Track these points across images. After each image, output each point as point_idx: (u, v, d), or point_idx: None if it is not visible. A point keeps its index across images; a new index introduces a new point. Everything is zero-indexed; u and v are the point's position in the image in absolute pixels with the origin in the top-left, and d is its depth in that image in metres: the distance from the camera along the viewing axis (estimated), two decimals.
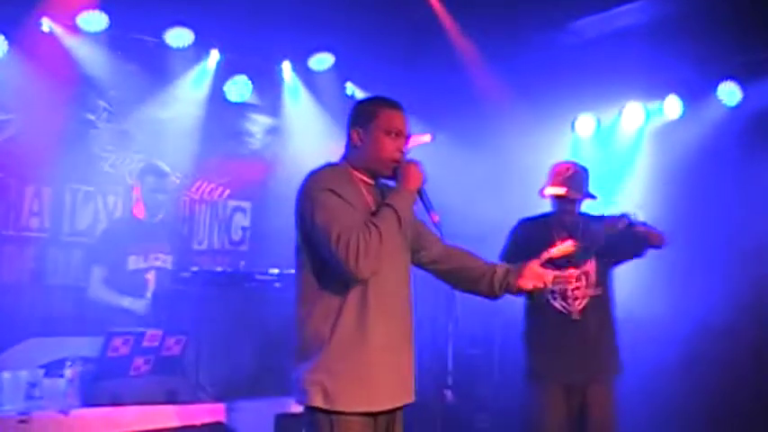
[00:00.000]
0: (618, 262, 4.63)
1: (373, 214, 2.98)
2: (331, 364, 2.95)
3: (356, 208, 2.98)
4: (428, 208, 3.14)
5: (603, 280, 4.58)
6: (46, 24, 5.96)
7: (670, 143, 6.25)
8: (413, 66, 6.83)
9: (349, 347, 2.95)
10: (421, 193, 3.10)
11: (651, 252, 4.49)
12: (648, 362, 5.40)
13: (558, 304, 4.52)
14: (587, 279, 4.53)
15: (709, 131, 6.01)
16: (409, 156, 3.14)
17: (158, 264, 5.31)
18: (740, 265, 5.66)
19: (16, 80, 5.85)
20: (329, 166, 3.13)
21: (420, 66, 6.81)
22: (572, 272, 4.29)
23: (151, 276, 5.22)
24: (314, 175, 3.04)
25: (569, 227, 4.57)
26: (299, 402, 3.04)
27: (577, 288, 4.51)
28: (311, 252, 3.01)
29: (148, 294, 5.12)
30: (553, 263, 3.69)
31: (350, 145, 3.16)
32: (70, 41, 6.07)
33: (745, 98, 5.92)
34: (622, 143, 6.63)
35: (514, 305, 4.90)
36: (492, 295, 3.34)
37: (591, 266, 4.55)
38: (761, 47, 5.71)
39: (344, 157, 3.18)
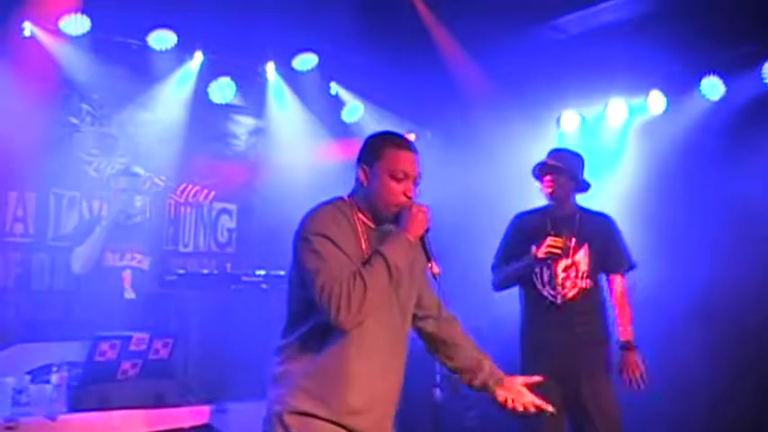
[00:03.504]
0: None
1: (366, 262, 2.78)
2: (297, 405, 2.79)
3: (349, 255, 2.79)
4: (429, 257, 2.89)
5: (594, 275, 4.55)
6: (28, 28, 5.92)
7: (654, 138, 6.27)
8: (397, 64, 6.82)
9: (321, 395, 2.79)
10: (423, 241, 2.88)
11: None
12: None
13: (545, 291, 4.52)
14: (577, 270, 4.51)
15: (692, 126, 6.03)
16: (416, 200, 2.91)
17: (134, 264, 5.30)
18: (723, 258, 5.68)
19: None
20: (332, 202, 2.93)
21: (404, 64, 6.80)
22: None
23: (127, 275, 5.21)
24: (313, 214, 2.86)
25: (566, 220, 4.56)
26: None
27: (567, 278, 4.51)
28: (302, 290, 2.82)
29: (126, 294, 5.11)
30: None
31: (357, 181, 2.95)
32: (52, 45, 6.02)
33: (728, 92, 5.95)
34: (607, 139, 6.65)
35: (504, 302, 4.91)
36: (465, 383, 3.22)
37: (584, 259, 4.51)
38: (743, 40, 5.73)
39: (352, 192, 2.98)
